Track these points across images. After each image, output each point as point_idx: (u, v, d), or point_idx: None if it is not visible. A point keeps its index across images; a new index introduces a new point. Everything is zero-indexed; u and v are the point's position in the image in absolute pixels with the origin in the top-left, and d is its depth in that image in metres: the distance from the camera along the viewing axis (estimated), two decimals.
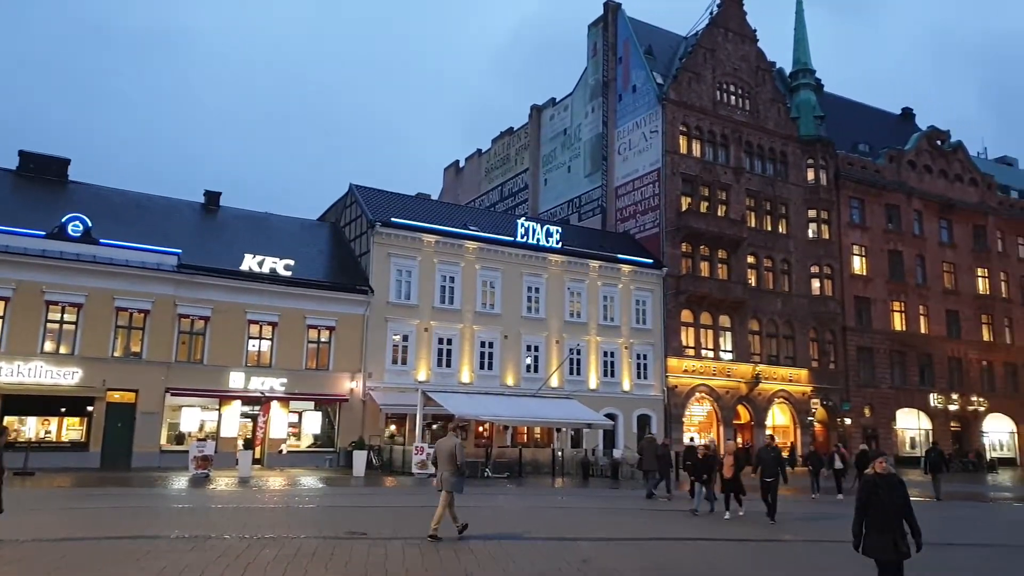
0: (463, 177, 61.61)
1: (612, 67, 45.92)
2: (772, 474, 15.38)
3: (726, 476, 15.70)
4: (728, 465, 15.73)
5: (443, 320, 33.15)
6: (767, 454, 15.89)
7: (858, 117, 54.87)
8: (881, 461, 7.35)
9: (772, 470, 15.43)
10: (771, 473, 15.40)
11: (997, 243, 53.01)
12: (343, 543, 11.30)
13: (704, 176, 41.80)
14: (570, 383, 35.51)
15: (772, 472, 15.41)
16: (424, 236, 33.31)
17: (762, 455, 15.97)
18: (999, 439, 50.61)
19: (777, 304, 42.66)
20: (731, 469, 15.64)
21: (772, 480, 15.33)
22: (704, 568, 10.16)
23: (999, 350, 51.01)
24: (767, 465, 15.52)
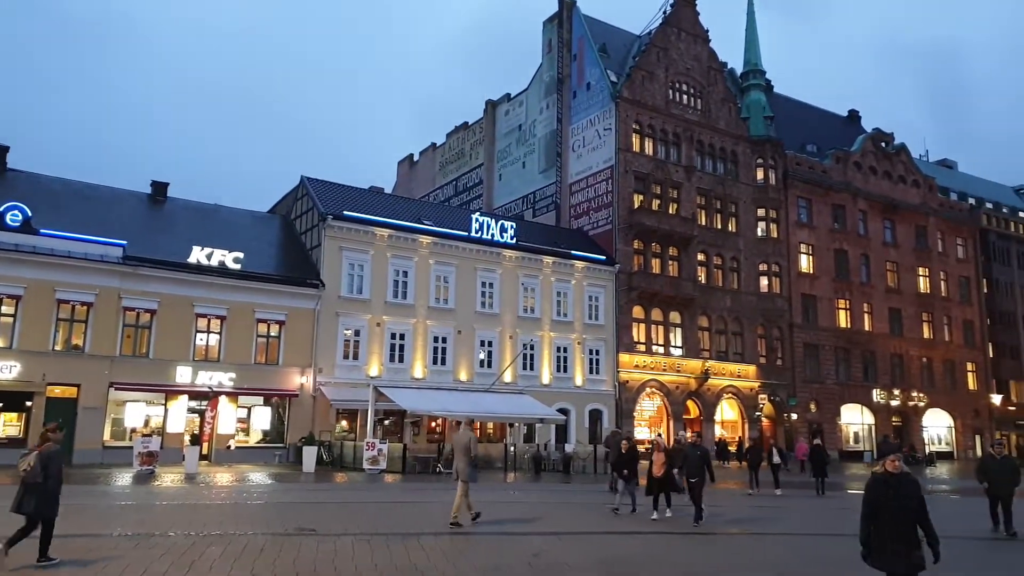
0: (417, 171, 61.22)
1: (567, 64, 46.11)
2: (697, 474, 14.06)
3: (655, 474, 14.41)
4: (658, 463, 14.47)
5: (396, 315, 32.92)
6: (692, 452, 14.55)
7: (806, 118, 56.16)
8: (894, 459, 6.37)
9: (697, 470, 14.14)
10: (696, 473, 14.09)
11: (937, 243, 54.83)
12: (291, 539, 11.15)
13: (656, 174, 42.30)
14: (523, 378, 35.62)
15: (697, 472, 14.11)
16: (377, 230, 33.00)
17: (687, 454, 14.59)
18: (937, 433, 52.47)
19: (726, 301, 43.44)
20: (661, 467, 14.40)
21: (697, 481, 14.01)
22: (653, 561, 10.29)
23: (938, 347, 52.84)
24: (692, 464, 14.19)
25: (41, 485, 8.87)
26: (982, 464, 14.54)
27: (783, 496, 21.79)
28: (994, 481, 13.78)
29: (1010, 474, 13.74)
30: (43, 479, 8.87)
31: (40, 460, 8.93)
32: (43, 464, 8.92)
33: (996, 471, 13.77)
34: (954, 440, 52.97)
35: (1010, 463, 14.12)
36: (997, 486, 13.74)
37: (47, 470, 8.93)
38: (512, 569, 9.36)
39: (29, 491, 8.87)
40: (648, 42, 44.70)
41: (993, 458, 14.16)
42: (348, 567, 9.27)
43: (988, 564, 11.48)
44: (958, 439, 52.96)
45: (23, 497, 8.89)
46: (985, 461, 14.56)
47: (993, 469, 13.87)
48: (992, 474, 13.84)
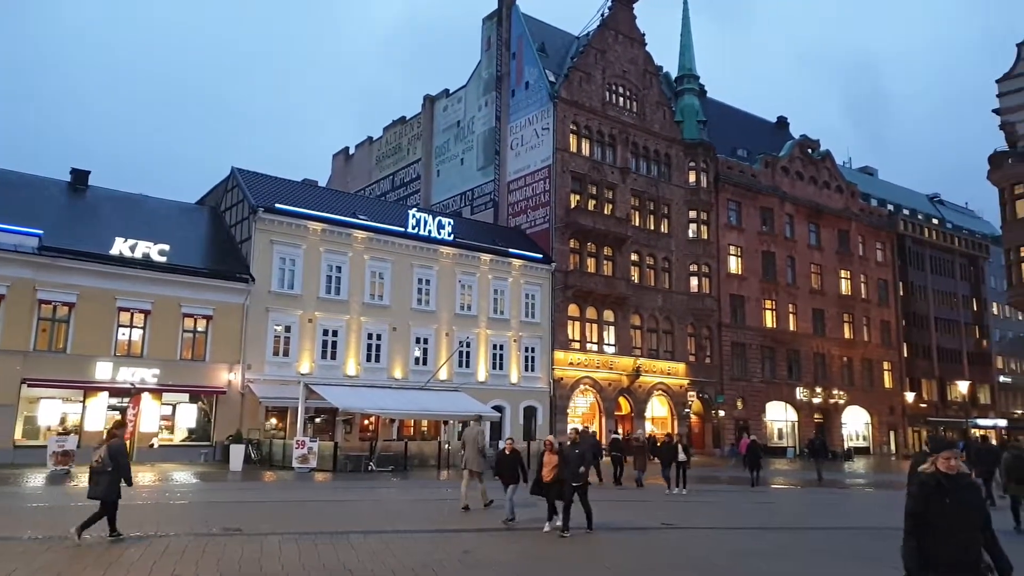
0: (353, 164, 60.37)
1: (506, 62, 46.18)
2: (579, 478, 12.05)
3: (544, 478, 12.18)
4: (548, 466, 12.20)
5: (328, 311, 32.38)
6: (571, 452, 12.22)
7: (737, 123, 57.70)
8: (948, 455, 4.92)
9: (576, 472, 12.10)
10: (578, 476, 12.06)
11: (859, 247, 57.13)
12: (216, 540, 10.85)
13: (592, 175, 42.78)
14: (459, 375, 35.54)
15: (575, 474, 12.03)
16: (310, 224, 32.38)
17: (565, 454, 12.21)
18: (856, 430, 54.71)
19: (658, 300, 44.28)
20: (552, 471, 12.11)
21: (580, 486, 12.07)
22: (583, 557, 10.40)
23: (858, 347, 55.08)
24: (572, 465, 12.02)
25: (110, 473, 10.39)
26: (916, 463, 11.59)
27: (703, 492, 22.32)
28: None
29: None
30: (112, 468, 10.40)
31: (109, 452, 10.51)
32: (111, 455, 10.49)
33: None
34: (871, 436, 55.32)
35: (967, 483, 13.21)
36: None
37: (115, 460, 10.48)
38: (442, 566, 9.33)
39: (100, 478, 10.41)
40: (586, 43, 45.14)
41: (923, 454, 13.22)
42: (274, 567, 9.07)
43: None
44: (874, 435, 55.35)
45: (95, 484, 10.45)
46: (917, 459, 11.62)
47: None
48: None
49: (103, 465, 10.46)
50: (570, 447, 12.41)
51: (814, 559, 10.62)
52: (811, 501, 21.13)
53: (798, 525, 14.86)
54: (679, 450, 21.16)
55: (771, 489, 24.82)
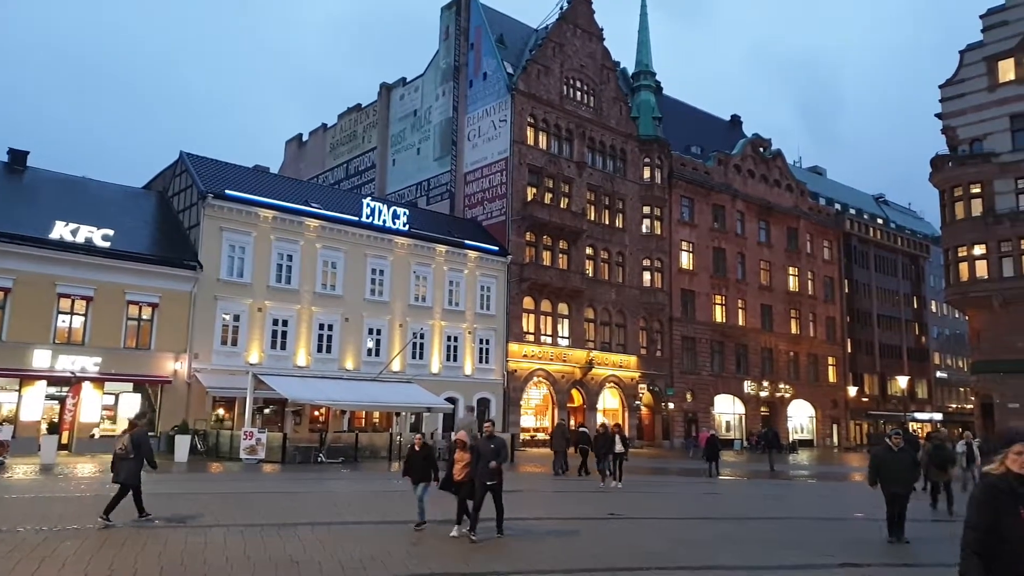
0: (306, 151, 59.44)
1: (464, 52, 45.91)
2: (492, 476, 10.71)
3: (455, 477, 11.01)
4: (461, 463, 10.96)
5: (279, 300, 31.83)
6: (486, 446, 10.84)
7: (692, 121, 58.45)
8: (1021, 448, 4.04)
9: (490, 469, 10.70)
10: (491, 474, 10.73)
11: (807, 245, 58.48)
12: (157, 532, 10.62)
13: (549, 168, 42.88)
14: (412, 367, 35.33)
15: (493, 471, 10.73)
16: (261, 211, 31.75)
17: (479, 448, 10.88)
18: (800, 423, 56.10)
19: (611, 294, 44.67)
20: (464, 469, 10.88)
21: (495, 483, 10.75)
22: (528, 547, 10.43)
23: (804, 342, 56.45)
24: (486, 461, 10.67)
25: (132, 460, 11.34)
26: (874, 460, 11.75)
27: (653, 484, 22.61)
28: (890, 479, 11.35)
29: (909, 470, 11.61)
30: (134, 455, 11.35)
31: (132, 439, 11.46)
32: (134, 443, 11.43)
33: (892, 467, 11.39)
34: (815, 429, 56.80)
35: (908, 457, 11.74)
36: (893, 483, 11.34)
37: (138, 447, 11.41)
38: (390, 557, 9.26)
39: (122, 464, 11.35)
40: (545, 36, 45.14)
41: (889, 451, 11.50)
42: (218, 560, 8.90)
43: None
44: (818, 428, 56.86)
45: (118, 470, 11.38)
46: (878, 455, 11.75)
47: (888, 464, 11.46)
48: (887, 471, 11.42)
49: (126, 452, 11.39)
50: (485, 440, 11.03)
51: (754, 548, 10.84)
52: (757, 492, 21.59)
53: (742, 515, 15.16)
54: (616, 441, 20.37)
55: (720, 480, 25.29)
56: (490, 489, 10.70)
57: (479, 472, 10.66)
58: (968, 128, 40.55)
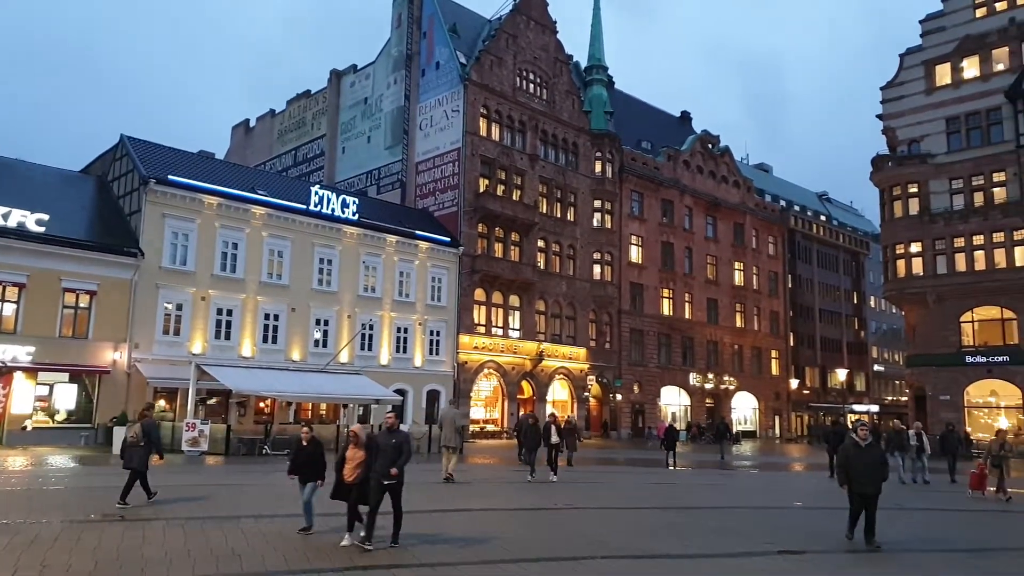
0: (253, 138, 58.17)
1: (416, 41, 45.47)
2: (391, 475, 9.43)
3: (345, 478, 9.64)
4: (352, 462, 9.63)
5: (223, 289, 31.12)
6: (386, 441, 9.62)
7: (642, 116, 59.06)
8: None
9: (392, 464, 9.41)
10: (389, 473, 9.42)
11: (752, 240, 59.72)
12: (93, 527, 10.28)
13: (502, 160, 42.82)
14: (361, 358, 34.97)
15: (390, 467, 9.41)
16: (205, 197, 30.94)
17: (379, 443, 9.67)
18: (744, 414, 57.39)
19: (562, 286, 44.93)
20: (356, 468, 9.59)
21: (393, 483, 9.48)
22: (478, 536, 10.44)
23: (748, 335, 57.72)
24: (385, 457, 9.45)
25: (143, 447, 12.35)
26: (843, 458, 10.81)
27: (603, 473, 22.85)
28: (858, 478, 10.41)
29: (879, 467, 10.55)
30: (144, 443, 12.35)
31: (142, 428, 12.46)
32: (144, 432, 12.42)
33: (860, 464, 10.44)
34: (758, 421, 58.19)
35: (878, 453, 10.83)
36: (861, 483, 10.40)
37: (148, 436, 12.43)
38: (337, 550, 9.16)
39: (133, 451, 12.33)
40: (498, 27, 44.97)
41: (856, 447, 10.55)
42: (157, 554, 8.66)
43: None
44: (761, 420, 58.27)
45: (129, 457, 12.33)
46: (846, 453, 10.72)
47: (856, 462, 10.49)
48: (855, 470, 10.46)
49: (137, 440, 12.38)
50: (385, 434, 9.72)
51: (697, 537, 11.05)
52: (702, 482, 22.00)
53: (687, 505, 15.43)
54: (552, 432, 19.32)
55: (668, 470, 25.70)
56: (388, 490, 9.44)
57: (376, 469, 9.39)
58: (907, 129, 41.92)
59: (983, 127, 39.46)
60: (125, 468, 12.37)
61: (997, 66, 39.50)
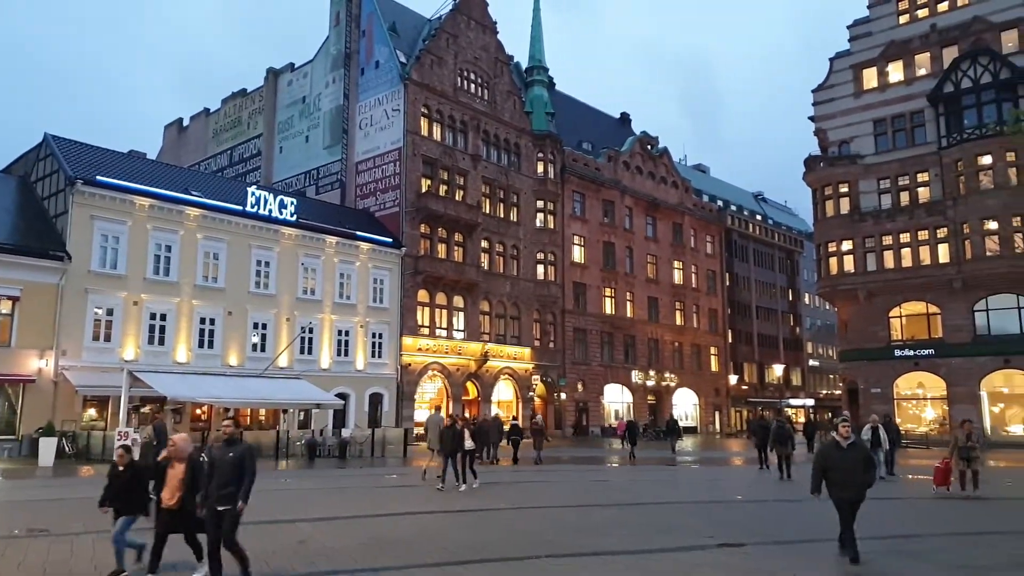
0: (187, 137, 56.57)
1: (356, 39, 44.90)
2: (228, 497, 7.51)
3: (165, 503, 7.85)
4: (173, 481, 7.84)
5: (156, 293, 30.12)
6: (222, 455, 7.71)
7: (583, 117, 59.62)
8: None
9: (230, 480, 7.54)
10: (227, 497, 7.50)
11: (691, 240, 60.89)
12: (18, 542, 9.81)
13: (444, 160, 42.61)
14: (300, 362, 34.32)
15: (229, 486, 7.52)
16: (137, 199, 29.90)
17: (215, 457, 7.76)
18: (685, 410, 58.44)
19: (506, 287, 44.99)
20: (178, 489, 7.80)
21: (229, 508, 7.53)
22: (422, 539, 10.34)
23: (688, 333, 58.81)
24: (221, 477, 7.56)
25: (157, 447, 13.90)
26: (820, 460, 9.43)
27: (545, 471, 22.94)
28: (839, 482, 9.07)
29: (861, 469, 9.13)
30: (157, 442, 14.61)
31: (155, 429, 15.24)
32: (156, 432, 15.05)
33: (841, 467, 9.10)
34: (698, 416, 59.34)
35: (860, 453, 9.33)
36: (843, 488, 9.06)
37: (159, 436, 14.69)
38: (276, 557, 8.95)
39: (148, 451, 14.51)
40: (438, 26, 44.76)
41: (836, 447, 9.24)
42: (85, 569, 8.32)
43: None
44: (702, 415, 59.44)
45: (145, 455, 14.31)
46: (825, 454, 9.42)
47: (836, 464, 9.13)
48: (835, 473, 9.11)
49: (151, 439, 14.85)
50: (221, 449, 7.76)
51: (640, 532, 11.16)
52: (648, 478, 22.27)
53: (631, 501, 15.60)
54: (464, 437, 16.71)
55: (608, 467, 25.96)
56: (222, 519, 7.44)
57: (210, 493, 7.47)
58: (837, 131, 43.34)
59: (907, 129, 41.07)
60: None
61: (920, 71, 41.18)
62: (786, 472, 20.28)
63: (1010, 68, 37.25)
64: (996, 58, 37.70)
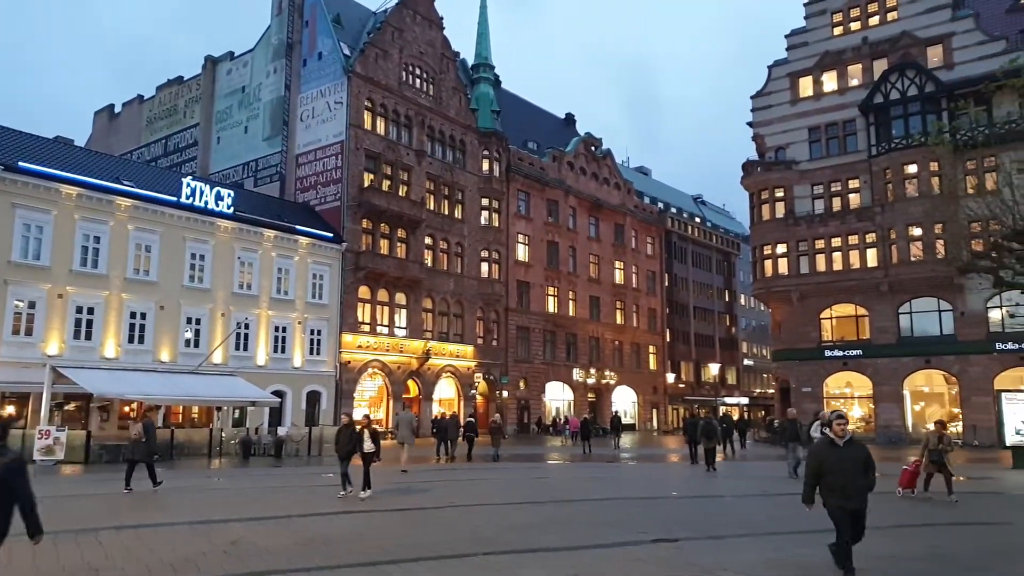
0: (119, 124, 54.59)
1: (298, 29, 44.02)
2: None
3: None
4: None
5: (83, 286, 28.95)
6: None
7: (528, 116, 59.83)
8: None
9: None
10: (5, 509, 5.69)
11: (632, 240, 61.75)
12: None
13: (387, 154, 42.15)
14: (235, 359, 33.49)
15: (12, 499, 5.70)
16: (63, 187, 28.68)
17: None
18: (624, 408, 59.24)
19: (450, 284, 44.79)
20: None
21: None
22: (358, 538, 10.19)
23: (628, 331, 59.64)
24: None
25: (145, 443, 15.34)
26: (814, 462, 7.91)
27: (488, 470, 22.93)
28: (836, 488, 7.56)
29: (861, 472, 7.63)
30: (145, 439, 15.32)
31: (143, 427, 15.40)
32: (145, 430, 15.35)
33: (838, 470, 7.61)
34: (636, 414, 60.25)
35: (860, 453, 7.70)
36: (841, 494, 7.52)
37: (147, 433, 15.34)
38: (205, 559, 8.67)
39: (137, 446, 15.50)
40: (383, 20, 44.24)
41: (831, 446, 7.74)
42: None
43: None
44: (640, 413, 60.37)
45: (132, 450, 15.67)
46: (818, 454, 7.89)
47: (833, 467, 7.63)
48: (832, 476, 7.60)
49: (140, 437, 15.33)
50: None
51: (577, 529, 11.23)
52: (586, 475, 22.47)
53: (569, 498, 15.70)
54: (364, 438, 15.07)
55: (550, 465, 26.10)
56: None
57: None
58: (774, 137, 44.51)
59: (840, 137, 42.45)
60: (125, 460, 15.37)
61: (852, 81, 42.60)
62: (710, 464, 21.90)
63: (935, 82, 38.85)
64: (922, 72, 39.28)
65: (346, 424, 15.38)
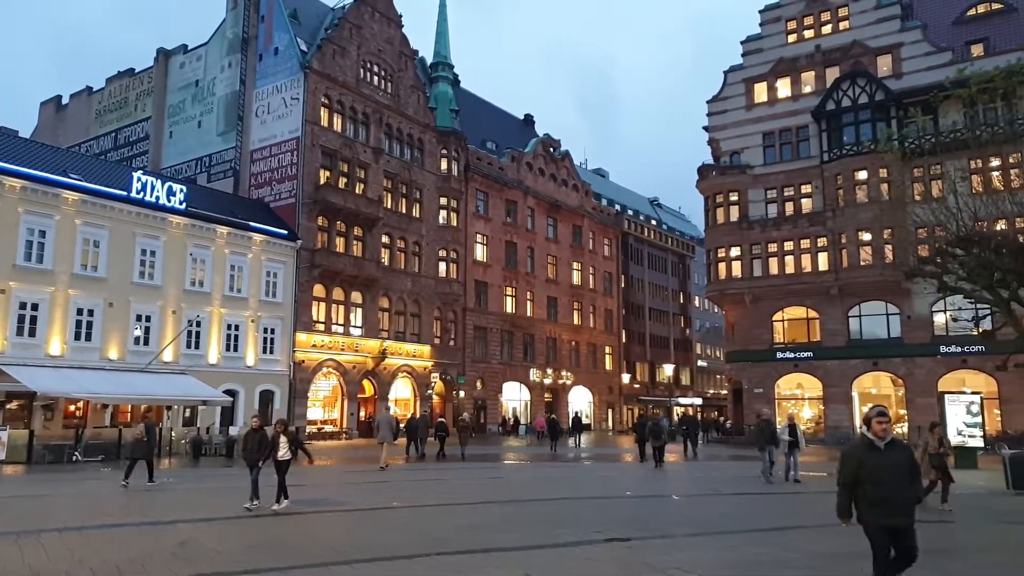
0: (67, 116, 53.01)
1: (254, 24, 43.29)
2: None
3: None
4: None
5: (27, 281, 28.02)
6: None
7: (487, 116, 59.81)
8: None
9: None
10: None
11: (590, 242, 62.19)
12: None
13: (344, 152, 41.72)
14: (187, 357, 32.79)
15: None
16: (6, 179, 27.69)
17: None
18: (580, 408, 59.62)
19: (407, 283, 44.53)
20: None
21: None
22: (310, 539, 10.10)
23: (585, 332, 60.04)
24: None
25: (146, 442, 16.66)
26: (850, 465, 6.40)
27: (443, 469, 22.89)
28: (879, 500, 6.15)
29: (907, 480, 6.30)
30: (147, 438, 16.69)
31: (145, 426, 16.98)
32: (146, 429, 16.83)
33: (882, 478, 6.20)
34: (592, 414, 60.70)
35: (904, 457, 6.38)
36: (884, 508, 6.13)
37: (149, 433, 16.80)
38: (153, 561, 8.49)
39: (139, 445, 16.74)
40: (341, 16, 43.77)
41: (871, 448, 6.32)
42: None
43: None
44: (596, 413, 60.83)
45: (134, 449, 16.95)
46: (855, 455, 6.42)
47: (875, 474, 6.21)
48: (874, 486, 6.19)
49: (141, 436, 16.61)
50: None
51: (533, 529, 11.29)
52: (539, 475, 22.57)
53: (524, 498, 15.76)
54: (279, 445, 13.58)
55: (505, 464, 26.15)
56: None
57: None
58: (729, 141, 45.26)
59: (793, 143, 43.38)
60: (126, 458, 16.54)
61: (806, 88, 43.57)
62: (658, 461, 23.54)
63: (884, 90, 39.96)
64: (872, 80, 40.36)
65: (254, 428, 14.07)
